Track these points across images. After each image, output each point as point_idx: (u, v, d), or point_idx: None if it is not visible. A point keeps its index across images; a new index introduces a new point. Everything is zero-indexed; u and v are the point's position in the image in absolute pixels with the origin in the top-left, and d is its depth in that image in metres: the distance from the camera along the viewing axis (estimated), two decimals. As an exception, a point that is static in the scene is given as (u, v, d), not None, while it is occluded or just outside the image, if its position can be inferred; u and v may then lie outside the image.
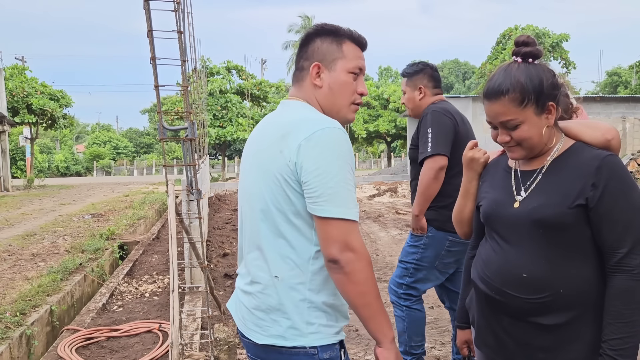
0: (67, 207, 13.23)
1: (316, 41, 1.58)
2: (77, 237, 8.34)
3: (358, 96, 1.60)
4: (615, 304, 1.44)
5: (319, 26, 1.61)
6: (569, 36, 28.93)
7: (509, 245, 1.59)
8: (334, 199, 1.38)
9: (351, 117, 1.61)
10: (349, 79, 1.56)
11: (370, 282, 1.42)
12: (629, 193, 1.46)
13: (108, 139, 49.57)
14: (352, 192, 1.42)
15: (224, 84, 28.09)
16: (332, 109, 1.57)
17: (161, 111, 3.10)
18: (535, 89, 1.49)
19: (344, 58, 1.55)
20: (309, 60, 1.57)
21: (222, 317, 4.38)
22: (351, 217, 1.40)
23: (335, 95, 1.56)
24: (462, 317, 1.91)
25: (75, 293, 5.70)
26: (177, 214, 3.49)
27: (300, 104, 1.56)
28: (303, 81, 1.59)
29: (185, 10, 5.33)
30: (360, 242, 1.41)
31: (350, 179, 1.42)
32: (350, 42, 1.58)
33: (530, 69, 1.51)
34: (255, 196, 1.53)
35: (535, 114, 1.51)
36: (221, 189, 19.87)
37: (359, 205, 1.47)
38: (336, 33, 1.58)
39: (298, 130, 1.43)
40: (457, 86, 58.11)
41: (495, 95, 1.52)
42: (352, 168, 1.45)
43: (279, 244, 1.48)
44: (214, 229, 9.51)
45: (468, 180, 1.82)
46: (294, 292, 1.47)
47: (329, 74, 1.55)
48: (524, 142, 1.54)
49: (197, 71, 10.87)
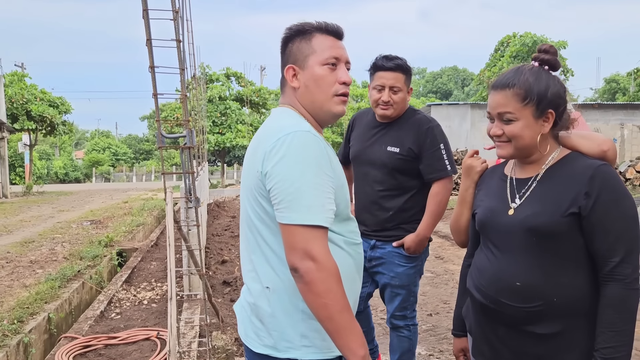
0: (66, 214, 13.21)
1: (288, 45, 1.56)
2: (75, 244, 8.33)
3: (340, 86, 1.53)
4: (607, 312, 1.45)
5: (287, 29, 1.58)
6: (567, 43, 29.01)
7: (503, 254, 1.60)
8: (294, 205, 1.33)
9: (338, 109, 1.54)
10: (324, 71, 1.51)
11: (333, 295, 1.32)
12: (621, 203, 1.48)
13: (107, 146, 49.58)
14: (320, 197, 1.36)
15: (223, 90, 28.13)
16: (314, 106, 1.53)
17: (160, 119, 3.11)
18: (539, 92, 1.52)
19: (314, 53, 1.51)
20: (285, 66, 1.56)
21: (220, 324, 4.37)
22: (313, 223, 1.33)
23: (312, 92, 1.52)
24: (458, 325, 1.91)
25: (73, 300, 5.69)
26: (176, 221, 3.50)
27: (281, 110, 1.55)
28: (285, 87, 1.58)
29: (184, 18, 5.35)
30: (322, 251, 1.33)
31: (318, 182, 1.36)
32: (320, 34, 1.53)
33: (542, 74, 1.55)
34: (242, 208, 1.53)
35: (533, 115, 1.53)
36: (220, 195, 19.86)
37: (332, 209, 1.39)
38: (303, 31, 1.54)
39: (265, 140, 1.42)
40: (455, 93, 58.28)
41: (501, 87, 1.57)
42: (322, 171, 1.38)
43: (267, 255, 1.46)
44: (213, 235, 9.50)
45: (465, 188, 1.83)
46: (288, 303, 1.44)
47: (303, 72, 1.52)
48: (514, 140, 1.56)
49: (197, 78, 10.90)
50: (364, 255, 3.00)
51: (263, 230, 1.45)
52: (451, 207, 2.61)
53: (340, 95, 1.53)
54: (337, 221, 1.46)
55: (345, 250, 1.50)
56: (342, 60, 1.54)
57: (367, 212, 2.89)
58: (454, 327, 1.94)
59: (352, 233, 1.54)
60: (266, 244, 1.46)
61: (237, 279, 6.04)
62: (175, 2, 3.43)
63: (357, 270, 1.56)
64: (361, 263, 1.59)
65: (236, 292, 5.63)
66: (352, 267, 1.52)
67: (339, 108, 1.54)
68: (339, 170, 1.48)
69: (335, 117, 1.56)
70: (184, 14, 4.88)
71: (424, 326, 4.60)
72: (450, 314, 4.87)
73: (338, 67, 1.53)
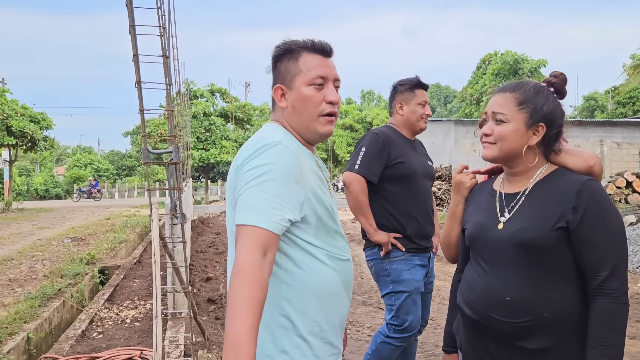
0: (46, 231, 12.97)
1: (277, 64, 1.56)
2: (56, 262, 8.17)
3: (327, 105, 1.50)
4: (597, 327, 1.46)
5: (276, 48, 1.57)
6: (546, 62, 29.68)
7: (492, 269, 1.60)
8: (240, 205, 1.34)
9: (324, 130, 1.52)
10: (311, 92, 1.49)
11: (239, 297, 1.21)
12: (608, 217, 1.50)
13: (89, 162, 49.03)
14: (270, 201, 1.32)
15: (207, 106, 28.13)
16: (302, 127, 1.52)
17: (145, 135, 3.09)
18: (536, 103, 1.57)
19: (300, 72, 1.50)
20: (274, 85, 1.56)
21: (205, 343, 4.30)
22: (250, 223, 1.29)
23: (299, 113, 1.51)
24: (448, 341, 1.90)
25: (54, 320, 5.56)
26: (161, 238, 3.45)
27: (267, 126, 1.56)
28: (275, 105, 1.58)
29: (170, 34, 5.35)
30: (247, 254, 1.26)
31: (273, 187, 1.33)
32: (307, 53, 1.52)
33: (545, 91, 1.61)
34: (228, 225, 1.51)
35: (525, 123, 1.57)
36: (204, 211, 19.70)
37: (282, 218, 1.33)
38: (291, 49, 1.53)
39: (240, 154, 1.45)
40: (439, 110, 58.94)
41: (503, 90, 1.63)
42: (287, 181, 1.36)
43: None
44: (197, 252, 9.40)
45: (455, 204, 1.85)
46: (267, 317, 1.38)
47: (291, 92, 1.52)
48: (499, 142, 1.59)
49: (181, 94, 10.88)
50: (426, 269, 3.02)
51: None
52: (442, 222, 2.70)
53: (326, 115, 1.51)
54: (320, 234, 1.45)
55: (328, 265, 1.46)
56: (330, 78, 1.52)
57: (431, 223, 3.08)
58: (444, 343, 1.93)
59: (338, 249, 1.51)
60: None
61: (222, 296, 5.97)
62: (162, 18, 3.43)
63: (345, 287, 1.52)
64: (349, 280, 1.55)
65: (221, 310, 5.56)
66: (337, 283, 1.49)
67: (325, 128, 1.52)
68: (311, 181, 1.46)
69: (322, 137, 1.55)
70: (169, 30, 4.88)
71: (411, 343, 4.56)
72: (437, 330, 4.85)
73: (325, 86, 1.51)
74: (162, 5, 3.43)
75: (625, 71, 25.64)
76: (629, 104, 27.98)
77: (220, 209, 20.48)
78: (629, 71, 24.49)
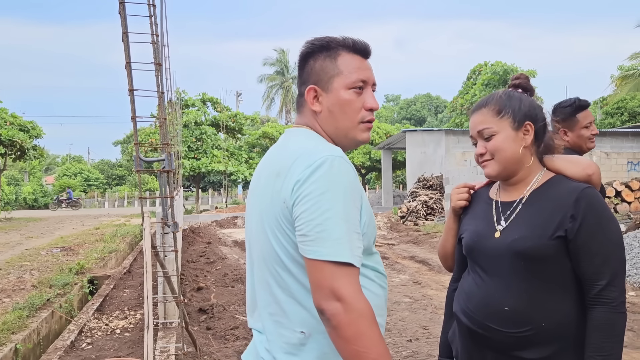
0: (35, 241, 12.83)
1: (309, 61, 1.40)
2: (44, 272, 8.06)
3: (367, 113, 1.38)
4: (595, 336, 1.45)
5: (309, 43, 1.41)
6: (536, 72, 29.93)
7: (490, 278, 1.59)
8: (322, 238, 1.17)
9: (363, 137, 1.40)
10: (351, 96, 1.36)
11: (366, 340, 1.15)
12: (607, 226, 1.49)
13: (79, 171, 48.66)
14: (351, 230, 1.21)
15: (199, 115, 28.08)
16: (338, 134, 1.39)
17: (137, 142, 3.06)
18: (512, 106, 1.59)
19: (340, 74, 1.36)
20: (305, 85, 1.40)
21: (197, 353, 4.25)
22: (342, 260, 1.17)
23: (337, 119, 1.37)
24: (444, 351, 1.89)
25: (42, 330, 5.48)
26: (152, 247, 3.42)
27: (301, 132, 1.40)
28: (303, 107, 1.42)
29: (162, 43, 5.34)
30: (353, 290, 1.17)
31: (349, 214, 1.21)
32: (347, 53, 1.38)
33: (515, 93, 1.63)
34: (258, 241, 1.36)
35: (511, 127, 1.57)
36: (195, 221, 19.60)
37: (360, 247, 1.23)
38: (328, 47, 1.39)
39: (294, 166, 1.25)
40: (429, 119, 59.26)
41: (477, 108, 1.64)
42: (355, 201, 1.24)
43: (298, 295, 1.28)
44: (188, 262, 9.33)
45: (449, 216, 1.85)
46: (328, 348, 1.25)
47: (327, 95, 1.37)
48: (497, 155, 1.58)
49: (173, 103, 10.85)
50: None
51: (293, 267, 1.27)
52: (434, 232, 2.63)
53: (366, 122, 1.39)
54: (366, 254, 1.33)
55: (376, 282, 1.38)
56: (370, 83, 1.40)
57: None
58: (440, 353, 1.91)
59: (379, 264, 1.41)
60: (297, 282, 1.28)
61: (213, 306, 5.92)
62: (154, 26, 3.42)
63: (386, 302, 1.45)
64: (387, 294, 1.47)
65: (212, 320, 5.51)
66: (383, 299, 1.41)
67: (364, 135, 1.40)
68: (367, 203, 1.33)
69: (358, 145, 1.43)
70: (161, 39, 4.87)
71: (404, 352, 4.55)
72: (430, 340, 4.83)
73: (365, 91, 1.39)
74: (154, 14, 3.42)
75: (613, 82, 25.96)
76: (617, 114, 28.28)
77: (211, 219, 20.39)
78: (616, 82, 24.81)
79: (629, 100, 27.49)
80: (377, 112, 52.42)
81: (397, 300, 6.49)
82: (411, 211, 16.42)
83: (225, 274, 8.33)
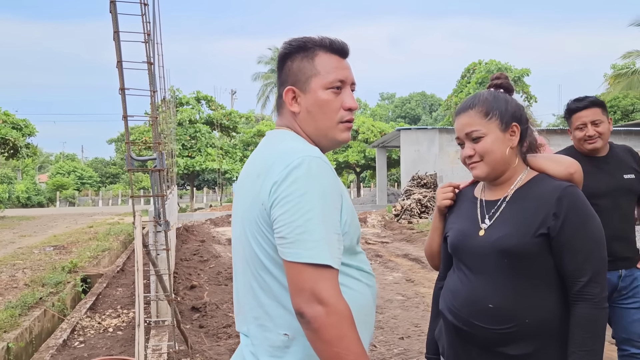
0: (28, 239, 12.77)
1: (287, 62, 1.40)
2: (37, 270, 8.04)
3: (346, 112, 1.38)
4: (577, 332, 1.48)
5: (286, 44, 1.41)
6: (529, 71, 30.04)
7: (475, 276, 1.61)
8: (302, 241, 1.17)
9: (343, 137, 1.40)
10: (329, 96, 1.36)
11: (347, 342, 1.16)
12: (588, 223, 1.52)
13: (72, 169, 48.42)
14: (331, 232, 1.20)
15: (193, 114, 28.03)
16: (318, 134, 1.38)
17: (129, 141, 3.07)
18: (499, 107, 1.60)
19: (317, 74, 1.36)
20: (283, 86, 1.40)
21: (189, 352, 4.26)
22: (322, 262, 1.17)
23: (316, 119, 1.37)
24: (431, 349, 1.91)
25: (35, 329, 5.47)
26: (144, 245, 3.43)
27: (281, 133, 1.40)
28: (283, 108, 1.42)
29: (155, 41, 5.34)
30: (334, 293, 1.17)
31: (329, 215, 1.21)
32: (325, 53, 1.38)
33: (499, 94, 1.65)
34: (240, 244, 1.35)
35: (499, 129, 1.59)
36: (189, 219, 19.58)
37: (340, 248, 1.23)
38: (305, 47, 1.38)
39: (272, 167, 1.25)
40: (424, 118, 59.36)
41: (463, 110, 1.65)
42: (335, 202, 1.24)
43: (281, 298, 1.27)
44: (182, 260, 9.33)
45: (435, 215, 1.88)
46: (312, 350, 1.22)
47: (305, 96, 1.37)
48: (486, 156, 1.60)
49: (166, 101, 10.83)
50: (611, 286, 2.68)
51: (274, 270, 1.27)
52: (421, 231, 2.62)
53: (345, 122, 1.39)
54: (350, 254, 1.33)
55: (362, 281, 1.37)
56: (348, 82, 1.39)
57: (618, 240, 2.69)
58: (427, 350, 1.93)
59: (364, 262, 1.40)
60: (279, 285, 1.27)
61: (206, 304, 5.93)
62: (146, 25, 3.43)
63: (374, 301, 1.45)
64: (376, 294, 1.47)
65: (205, 318, 5.52)
66: (370, 299, 1.39)
67: (344, 135, 1.40)
68: (349, 202, 1.33)
69: (338, 145, 1.43)
70: (154, 37, 4.86)
71: (395, 350, 4.58)
72: (422, 337, 4.86)
73: (343, 90, 1.38)
74: (146, 13, 3.43)
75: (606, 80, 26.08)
76: (610, 112, 28.43)
77: (205, 217, 20.36)
78: (609, 80, 24.92)
79: (621, 98, 27.64)
80: (372, 111, 52.39)
81: (390, 298, 6.52)
82: (405, 209, 16.46)
83: (218, 272, 8.33)
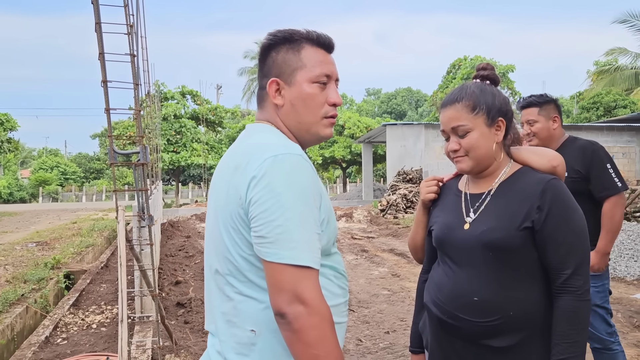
0: (9, 235, 12.59)
1: (271, 54, 1.37)
2: (19, 267, 7.93)
3: (330, 108, 1.36)
4: (561, 324, 1.49)
5: (271, 35, 1.38)
6: (514, 67, 30.26)
7: (460, 269, 1.62)
8: (282, 241, 1.15)
9: (326, 132, 1.38)
10: (314, 90, 1.34)
11: (327, 344, 1.14)
12: (571, 216, 1.53)
13: (55, 164, 47.79)
14: (311, 232, 1.19)
15: (178, 108, 27.77)
16: (300, 128, 1.36)
17: (112, 135, 3.03)
18: (487, 101, 1.59)
19: (303, 67, 1.33)
20: (266, 77, 1.36)
21: (173, 347, 4.23)
22: (303, 263, 1.15)
23: (299, 113, 1.34)
24: (415, 342, 1.91)
25: (16, 326, 5.39)
26: (128, 240, 3.39)
27: (261, 127, 1.36)
28: (265, 101, 1.38)
29: (139, 34, 5.27)
30: (315, 294, 1.16)
31: (309, 215, 1.19)
32: (311, 46, 1.36)
33: (486, 87, 1.63)
34: (212, 238, 1.33)
35: (485, 124, 1.58)
36: (174, 215, 19.43)
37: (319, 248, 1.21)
38: (291, 39, 1.35)
39: (249, 162, 1.22)
40: (409, 113, 59.56)
41: (450, 102, 1.62)
42: (315, 201, 1.22)
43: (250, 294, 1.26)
44: (167, 256, 9.26)
45: (418, 208, 1.87)
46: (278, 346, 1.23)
47: (290, 88, 1.34)
48: (471, 152, 1.59)
49: (151, 95, 10.72)
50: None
51: (246, 266, 1.25)
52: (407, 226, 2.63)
53: (329, 117, 1.37)
54: (324, 254, 1.30)
55: (335, 282, 1.35)
56: (333, 77, 1.38)
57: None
58: (411, 343, 1.93)
59: (338, 264, 1.38)
60: (249, 281, 1.25)
61: (191, 300, 5.89)
62: (129, 17, 3.37)
63: (346, 303, 1.43)
64: (348, 296, 1.45)
65: (190, 314, 5.48)
66: (343, 301, 1.38)
67: (327, 131, 1.38)
68: (327, 201, 1.30)
69: (321, 140, 1.41)
70: (138, 30, 4.80)
71: (381, 344, 4.59)
72: (407, 331, 4.88)
73: (328, 85, 1.36)
74: (129, 4, 3.37)
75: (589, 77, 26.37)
76: (593, 109, 28.73)
77: (191, 212, 20.24)
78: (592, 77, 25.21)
79: (604, 95, 27.97)
80: (359, 106, 52.35)
81: (376, 293, 6.54)
82: (391, 204, 16.52)
83: (204, 267, 8.28)
